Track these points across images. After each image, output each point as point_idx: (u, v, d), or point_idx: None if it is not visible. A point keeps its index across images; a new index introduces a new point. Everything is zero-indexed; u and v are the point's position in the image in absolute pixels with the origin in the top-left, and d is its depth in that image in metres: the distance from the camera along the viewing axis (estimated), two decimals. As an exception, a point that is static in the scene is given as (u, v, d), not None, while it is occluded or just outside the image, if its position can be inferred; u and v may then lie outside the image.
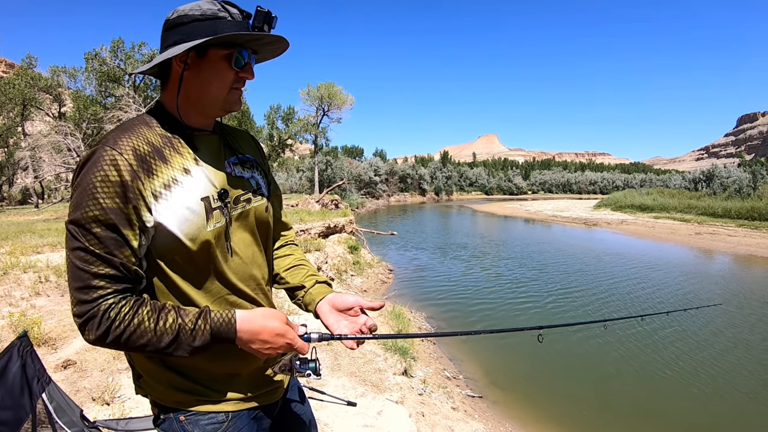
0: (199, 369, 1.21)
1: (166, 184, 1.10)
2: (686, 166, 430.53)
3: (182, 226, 1.10)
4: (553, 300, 11.30)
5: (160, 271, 1.14)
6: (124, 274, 1.04)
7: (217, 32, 1.11)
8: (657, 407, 6.08)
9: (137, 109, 19.37)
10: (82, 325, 1.01)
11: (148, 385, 1.22)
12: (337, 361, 4.97)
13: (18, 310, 5.24)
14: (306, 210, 18.92)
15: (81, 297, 1.01)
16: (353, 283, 11.71)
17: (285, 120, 45.82)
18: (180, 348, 1.06)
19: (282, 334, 1.15)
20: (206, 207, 1.15)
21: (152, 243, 1.10)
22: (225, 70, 1.17)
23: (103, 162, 1.02)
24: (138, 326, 1.02)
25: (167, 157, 1.13)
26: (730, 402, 6.18)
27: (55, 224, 14.59)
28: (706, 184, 38.36)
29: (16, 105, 29.72)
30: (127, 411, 3.29)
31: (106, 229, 1.01)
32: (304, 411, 1.57)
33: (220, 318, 1.10)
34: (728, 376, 6.90)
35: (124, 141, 1.07)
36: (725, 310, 10.26)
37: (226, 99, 1.20)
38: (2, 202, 39.27)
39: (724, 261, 17.32)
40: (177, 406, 1.21)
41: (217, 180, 1.21)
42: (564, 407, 6.11)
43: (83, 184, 1.02)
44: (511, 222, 35.47)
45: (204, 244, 1.14)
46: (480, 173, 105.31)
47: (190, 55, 1.14)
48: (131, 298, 1.06)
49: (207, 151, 1.23)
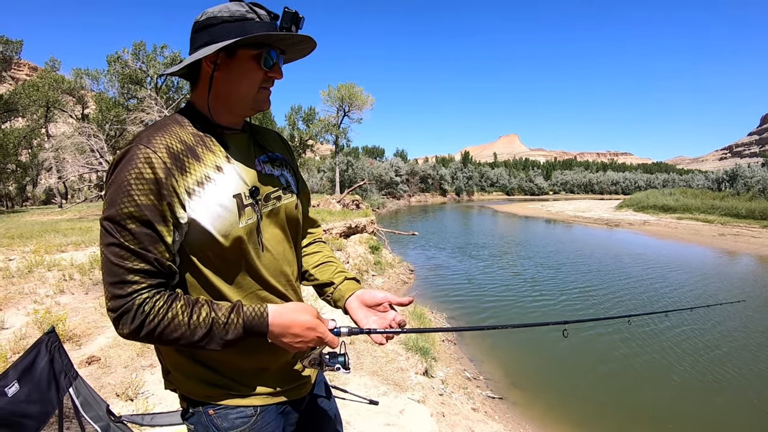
0: (229, 363, 1.21)
1: (199, 182, 1.11)
2: (709, 165, 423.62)
3: (215, 223, 1.11)
4: (575, 299, 11.20)
5: (192, 267, 1.15)
6: (158, 270, 1.05)
7: (246, 33, 1.12)
8: (680, 407, 5.97)
9: (159, 111, 19.63)
10: (116, 319, 1.03)
11: (177, 380, 1.23)
12: (359, 360, 4.97)
13: (43, 307, 5.34)
14: (327, 210, 19.00)
15: (115, 292, 1.02)
16: (374, 283, 11.71)
17: (306, 121, 46.18)
18: (213, 341, 1.07)
19: (313, 327, 1.15)
20: (238, 204, 1.16)
21: (185, 239, 1.11)
22: (254, 69, 1.18)
23: (137, 160, 1.04)
24: (172, 320, 1.04)
25: (200, 155, 1.15)
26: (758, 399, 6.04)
27: (79, 224, 14.85)
28: (730, 184, 37.61)
29: (40, 107, 30.43)
30: (150, 407, 3.32)
31: (140, 225, 1.02)
32: (331, 407, 1.57)
33: (252, 312, 1.11)
34: (753, 370, 6.82)
35: (157, 139, 1.09)
36: (747, 307, 10.14)
37: (256, 98, 1.21)
38: (26, 202, 40.11)
39: (747, 262, 16.96)
40: (206, 400, 1.21)
41: (248, 177, 1.22)
42: (585, 409, 6.02)
43: (118, 182, 1.03)
44: (533, 222, 35.18)
45: (236, 240, 1.15)
46: (501, 173, 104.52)
47: (220, 55, 1.16)
48: (165, 292, 1.06)
49: (238, 149, 1.25)
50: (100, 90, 30.83)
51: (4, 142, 27.28)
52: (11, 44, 29.71)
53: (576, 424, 5.70)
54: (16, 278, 6.54)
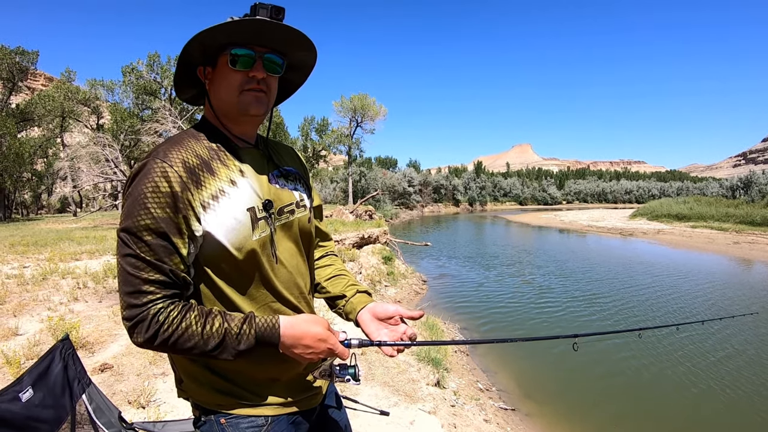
0: (242, 373, 1.22)
1: (214, 195, 1.13)
2: (723, 173, 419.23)
3: (229, 236, 1.13)
4: (587, 310, 11.07)
5: (207, 278, 1.17)
6: (173, 281, 1.07)
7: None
8: (691, 422, 5.87)
9: (173, 122, 19.85)
10: (131, 328, 1.05)
11: (190, 388, 1.24)
12: (370, 370, 4.95)
13: (57, 315, 5.39)
14: (340, 220, 19.03)
15: (131, 301, 1.04)
16: (387, 294, 11.69)
17: (319, 131, 46.48)
18: (225, 351, 1.09)
19: (324, 339, 1.17)
20: (252, 217, 1.18)
21: (200, 251, 1.13)
22: (229, 73, 1.18)
23: (154, 173, 1.06)
24: (186, 330, 1.05)
25: (215, 169, 1.17)
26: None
27: (93, 232, 15.00)
28: (744, 192, 37.20)
29: (56, 117, 30.92)
30: (162, 414, 3.33)
31: (156, 237, 1.05)
32: (341, 417, 1.57)
33: (264, 323, 1.12)
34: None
35: (173, 154, 1.11)
36: (762, 320, 9.93)
37: (239, 102, 1.20)
38: (41, 211, 40.68)
39: (762, 270, 16.72)
40: (218, 408, 1.22)
41: (261, 191, 1.24)
42: (598, 421, 5.94)
43: (135, 194, 1.06)
44: (546, 232, 34.98)
45: (250, 253, 1.17)
46: (514, 183, 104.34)
47: (207, 69, 1.23)
48: (179, 303, 1.08)
49: (252, 163, 1.27)
50: (114, 100, 31.37)
51: (20, 151, 27.72)
52: (27, 55, 30.21)
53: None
54: (30, 285, 6.62)
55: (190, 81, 1.30)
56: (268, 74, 1.21)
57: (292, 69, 1.35)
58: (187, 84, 1.31)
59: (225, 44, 1.17)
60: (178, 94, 1.36)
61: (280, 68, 1.25)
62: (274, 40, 1.20)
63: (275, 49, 1.22)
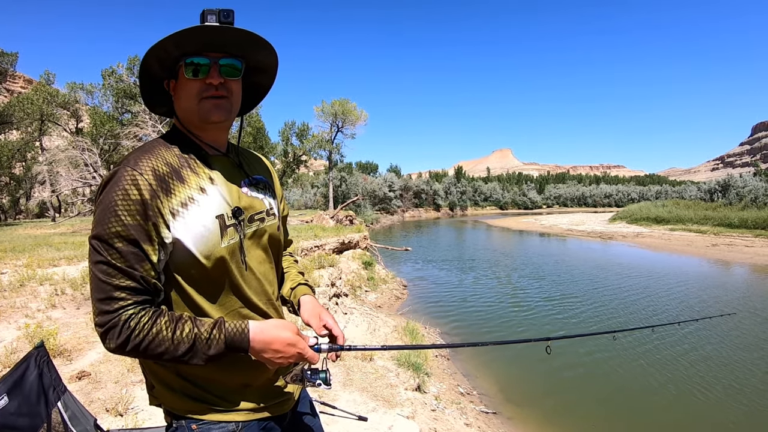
0: (212, 379, 1.24)
1: (183, 203, 1.15)
2: (702, 176, 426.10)
3: (197, 243, 1.15)
4: (565, 313, 11.20)
5: (176, 285, 1.18)
6: (144, 287, 1.09)
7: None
8: (670, 421, 5.98)
9: (153, 126, 19.65)
10: (103, 334, 1.06)
11: (162, 394, 1.25)
12: (349, 376, 4.96)
13: (34, 322, 5.32)
14: (320, 226, 18.98)
15: (103, 308, 1.06)
16: (367, 299, 11.68)
17: (299, 136, 46.29)
18: (196, 356, 1.10)
19: (293, 343, 1.19)
20: (221, 224, 1.20)
21: (170, 258, 1.15)
22: (186, 82, 1.20)
23: (124, 181, 1.08)
24: (156, 335, 1.07)
25: (184, 177, 1.19)
26: (746, 414, 6.04)
27: (72, 238, 14.79)
28: (722, 195, 37.86)
29: (34, 120, 30.41)
30: (140, 422, 3.31)
31: (127, 244, 1.06)
32: (314, 423, 1.59)
33: (234, 328, 1.14)
34: (743, 386, 6.77)
35: (144, 162, 1.13)
36: (739, 320, 10.10)
37: (199, 110, 1.21)
38: (19, 215, 39.93)
39: (740, 272, 17.05)
40: (189, 414, 1.23)
41: (231, 199, 1.26)
42: (579, 423, 6.02)
43: (105, 202, 1.08)
44: (526, 237, 35.19)
45: (219, 261, 1.19)
46: (494, 188, 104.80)
47: (170, 82, 1.25)
48: (150, 309, 1.10)
49: (222, 171, 1.29)
50: (94, 104, 30.87)
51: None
52: (6, 56, 29.70)
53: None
54: (7, 292, 6.51)
55: (161, 95, 1.31)
56: (226, 79, 1.21)
57: (256, 71, 1.35)
58: (159, 99, 1.32)
59: (180, 55, 1.17)
60: (152, 110, 1.38)
61: (239, 71, 1.25)
62: (227, 44, 1.20)
63: (231, 53, 1.22)
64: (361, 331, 7.91)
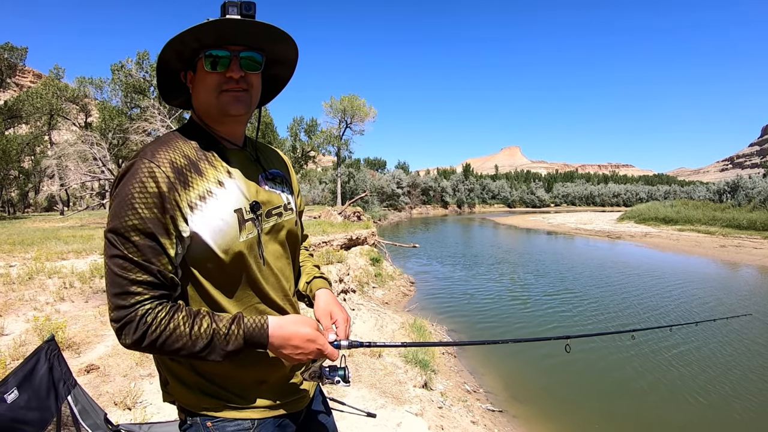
0: (228, 375, 1.22)
1: (202, 196, 1.13)
2: (710, 177, 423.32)
3: (216, 237, 1.13)
4: (578, 312, 11.16)
5: (193, 279, 1.16)
6: (161, 281, 1.07)
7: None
8: (684, 423, 5.92)
9: (162, 120, 19.69)
10: (119, 329, 1.04)
11: (176, 390, 1.23)
12: (357, 372, 4.96)
13: (43, 315, 5.33)
14: (328, 222, 19.00)
15: (119, 302, 1.04)
16: (375, 295, 11.69)
17: (308, 132, 46.39)
18: (214, 352, 1.08)
19: (313, 339, 1.16)
20: (239, 218, 1.18)
21: (187, 252, 1.13)
22: (206, 75, 1.18)
23: (141, 174, 1.06)
24: (174, 331, 1.05)
25: (202, 170, 1.17)
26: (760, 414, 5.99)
27: (80, 231, 14.86)
28: (731, 196, 37.52)
29: (44, 114, 30.63)
30: (148, 416, 3.31)
31: (144, 237, 1.04)
32: (328, 420, 1.57)
33: (253, 323, 1.12)
34: (760, 388, 6.72)
35: (161, 154, 1.11)
36: (754, 320, 10.04)
37: (218, 103, 1.19)
38: (28, 209, 40.24)
39: (750, 273, 16.92)
40: (204, 411, 1.21)
41: (249, 193, 1.24)
42: (587, 424, 5.98)
43: (122, 195, 1.05)
44: (534, 235, 35.16)
45: (236, 255, 1.17)
46: (502, 186, 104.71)
47: (188, 73, 1.23)
48: (167, 303, 1.08)
49: (239, 165, 1.27)
50: (103, 99, 31.07)
51: (7, 148, 27.41)
52: (16, 51, 29.89)
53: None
54: (16, 285, 6.54)
55: (177, 87, 1.29)
56: (246, 72, 1.19)
57: (276, 63, 1.33)
58: (174, 90, 1.31)
59: (200, 47, 1.16)
60: (167, 101, 1.36)
61: (259, 65, 1.23)
62: (248, 37, 1.18)
63: (251, 46, 1.20)
64: (369, 328, 7.91)
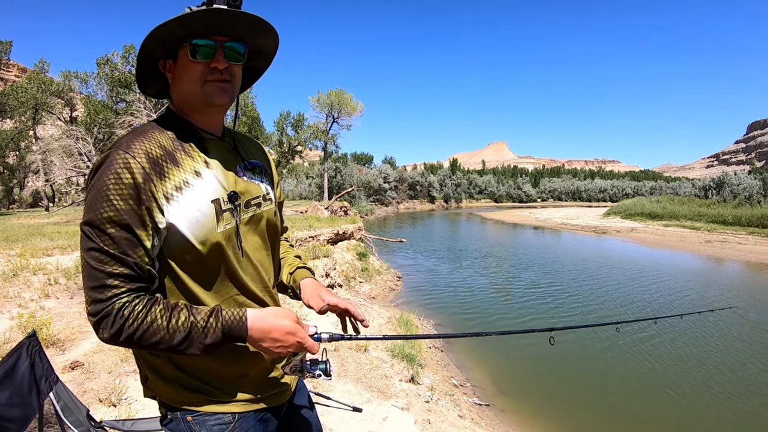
0: (208, 369, 1.21)
1: (178, 187, 1.12)
2: (696, 173, 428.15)
3: (193, 228, 1.12)
4: (563, 306, 11.24)
5: (171, 271, 1.15)
6: (138, 274, 1.06)
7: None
8: (669, 414, 5.99)
9: (148, 115, 19.54)
10: (96, 323, 1.03)
11: (156, 385, 1.23)
12: (343, 366, 4.96)
13: (27, 312, 5.29)
14: (315, 216, 18.95)
15: (95, 296, 1.03)
16: (361, 290, 11.68)
17: (295, 127, 46.17)
18: (192, 346, 1.07)
19: (293, 332, 1.16)
20: (216, 209, 1.17)
21: (164, 244, 1.12)
22: (190, 64, 1.17)
23: (116, 165, 1.05)
24: (151, 324, 1.04)
25: (179, 160, 1.16)
26: (750, 408, 6.08)
27: (66, 227, 14.71)
28: (717, 192, 37.92)
29: (28, 109, 30.20)
30: (133, 413, 3.30)
31: (120, 229, 1.03)
32: (311, 414, 1.57)
33: (231, 316, 1.11)
34: (745, 380, 6.82)
35: (137, 145, 1.10)
36: (738, 313, 10.21)
37: (203, 93, 1.19)
38: (13, 205, 39.69)
39: (735, 268, 17.14)
40: (184, 406, 1.21)
41: (227, 183, 1.23)
42: (574, 416, 6.03)
43: (97, 187, 1.04)
44: (521, 230, 35.31)
45: (214, 246, 1.16)
46: (489, 181, 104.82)
47: (168, 62, 1.21)
48: (144, 296, 1.07)
49: (218, 155, 1.26)
50: (89, 93, 30.72)
51: (-9, 143, 27.05)
52: (1, 45, 29.45)
53: (564, 431, 5.72)
54: (0, 282, 6.47)
55: (154, 76, 1.28)
56: (230, 63, 1.19)
57: (255, 55, 1.32)
58: (150, 79, 1.30)
59: (184, 36, 1.15)
60: (143, 90, 1.34)
61: (242, 56, 1.23)
62: (234, 28, 1.18)
63: (236, 37, 1.20)
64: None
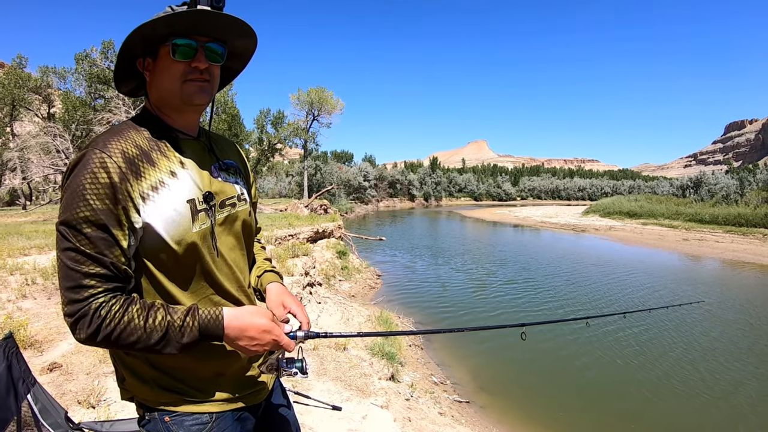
0: (185, 369, 1.22)
1: (154, 186, 1.13)
2: (674, 172, 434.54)
3: (168, 228, 1.13)
4: (539, 302, 11.46)
5: (147, 271, 1.16)
6: (114, 274, 1.07)
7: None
8: (641, 406, 6.13)
9: (127, 112, 19.27)
10: (73, 324, 1.03)
11: (133, 386, 1.23)
12: (322, 365, 4.98)
13: (4, 313, 5.21)
14: (295, 214, 18.89)
15: (72, 296, 1.03)
16: (341, 288, 11.68)
17: (275, 124, 45.76)
18: (169, 345, 1.08)
19: (268, 330, 1.17)
20: (192, 209, 1.18)
21: (140, 244, 1.13)
22: (170, 63, 1.18)
23: (92, 164, 1.05)
24: (128, 324, 1.04)
25: (155, 160, 1.17)
26: (713, 399, 6.26)
27: (43, 226, 14.45)
28: (694, 191, 38.61)
29: (5, 105, 29.51)
30: (112, 414, 3.29)
31: (96, 229, 1.04)
32: (289, 413, 1.58)
33: (207, 315, 1.12)
34: (710, 372, 7.05)
35: (113, 144, 1.10)
36: (706, 308, 10.52)
37: (182, 92, 1.20)
38: (-11, 204, 38.78)
39: (711, 265, 17.53)
40: (162, 406, 1.21)
41: (202, 183, 1.24)
42: (551, 410, 6.14)
43: (73, 186, 1.05)
44: (500, 228, 35.61)
45: (190, 246, 1.17)
46: (469, 179, 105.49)
47: (147, 60, 1.22)
48: (121, 296, 1.08)
49: (193, 155, 1.27)
50: (67, 89, 30.11)
51: (-34, 140, 26.44)
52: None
53: (543, 425, 5.80)
54: (-24, 282, 6.37)
55: (130, 73, 1.29)
56: (210, 63, 1.21)
57: (233, 56, 1.35)
58: (126, 76, 1.30)
59: (166, 35, 1.16)
60: (118, 87, 1.34)
61: (221, 57, 1.26)
62: (215, 29, 1.20)
63: (216, 38, 1.22)
64: (335, 321, 7.93)
